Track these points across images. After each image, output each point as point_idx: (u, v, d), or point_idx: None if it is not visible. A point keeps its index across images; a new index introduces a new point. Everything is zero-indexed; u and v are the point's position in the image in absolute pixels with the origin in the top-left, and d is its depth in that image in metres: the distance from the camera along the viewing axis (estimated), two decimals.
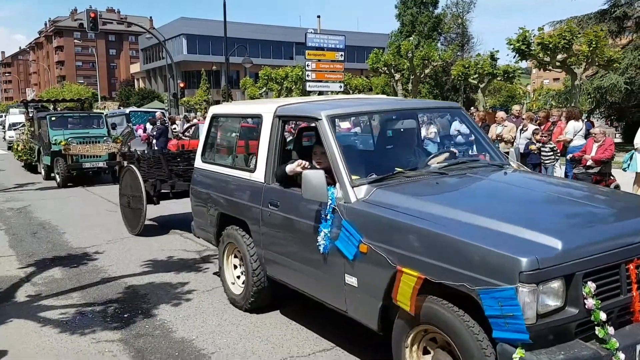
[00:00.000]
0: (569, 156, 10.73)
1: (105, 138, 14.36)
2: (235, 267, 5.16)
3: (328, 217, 3.64)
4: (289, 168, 4.14)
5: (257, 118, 4.79)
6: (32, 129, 16.36)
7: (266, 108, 4.70)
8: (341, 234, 3.54)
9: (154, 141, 19.15)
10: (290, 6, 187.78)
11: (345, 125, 18.26)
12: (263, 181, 4.49)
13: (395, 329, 3.35)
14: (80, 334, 4.57)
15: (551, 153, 10.58)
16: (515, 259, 2.61)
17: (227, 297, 5.20)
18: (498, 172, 4.19)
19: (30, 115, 17.31)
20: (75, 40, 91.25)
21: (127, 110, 24.29)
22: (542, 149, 10.65)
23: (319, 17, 25.46)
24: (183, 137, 17.78)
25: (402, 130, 5.09)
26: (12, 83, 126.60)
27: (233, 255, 5.16)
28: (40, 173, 15.49)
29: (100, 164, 13.96)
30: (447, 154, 4.44)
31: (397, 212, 3.32)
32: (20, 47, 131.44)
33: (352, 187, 3.62)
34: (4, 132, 31.35)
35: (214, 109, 5.74)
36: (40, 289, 5.75)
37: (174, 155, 8.22)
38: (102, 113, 17.39)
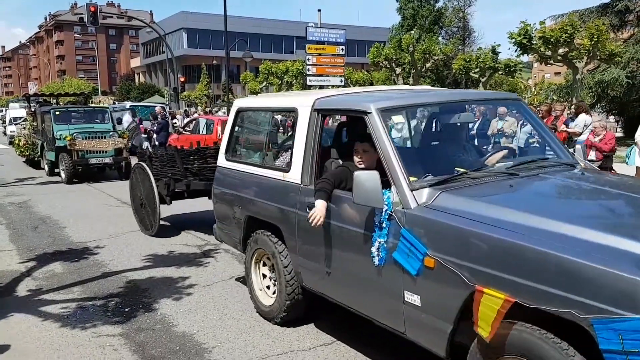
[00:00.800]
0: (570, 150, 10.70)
1: (111, 133, 14.04)
2: (265, 275, 4.71)
3: (384, 225, 3.21)
4: (316, 202, 3.68)
5: (292, 112, 4.41)
6: (34, 123, 16.06)
7: (302, 101, 4.24)
8: (400, 244, 3.10)
9: (155, 136, 19.16)
10: (290, 0, 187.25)
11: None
12: (300, 182, 4.03)
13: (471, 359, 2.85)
14: (81, 328, 4.57)
15: None
16: None
17: (255, 308, 4.78)
18: (573, 172, 3.67)
19: (33, 109, 16.96)
20: (76, 35, 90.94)
21: (128, 105, 24.17)
22: None
23: (319, 10, 25.36)
24: (184, 132, 17.77)
25: (457, 125, 4.56)
26: (12, 77, 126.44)
27: (262, 263, 4.72)
28: (43, 169, 15.21)
29: (107, 160, 13.66)
30: (505, 151, 4.03)
31: (472, 221, 2.83)
32: (20, 42, 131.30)
33: (412, 191, 3.15)
34: (4, 126, 31.31)
35: (239, 103, 5.21)
36: (41, 284, 5.75)
37: (189, 152, 7.66)
38: (107, 108, 16.98)
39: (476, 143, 12.36)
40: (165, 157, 7.68)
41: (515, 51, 18.84)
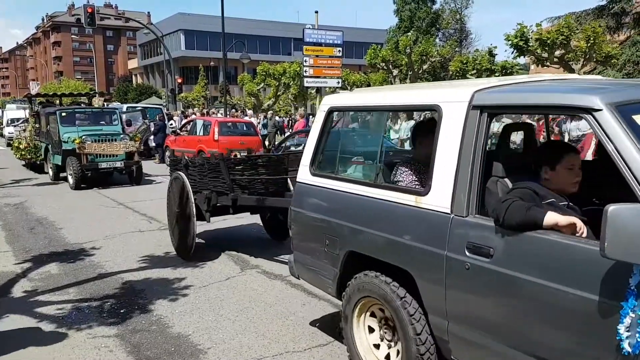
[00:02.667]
0: None
1: (122, 136, 13.37)
2: (372, 330, 3.60)
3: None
4: (552, 219, 2.48)
5: (431, 111, 3.28)
6: (37, 125, 15.32)
7: (449, 94, 3.11)
8: None
9: (152, 137, 19.17)
10: (288, 2, 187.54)
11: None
12: (449, 211, 2.88)
13: None
14: (77, 329, 4.57)
15: None
16: None
17: None
18: None
19: (36, 110, 16.24)
20: (73, 36, 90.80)
21: (124, 107, 24.06)
22: None
23: (316, 12, 25.37)
24: (181, 133, 17.77)
25: None
26: (9, 79, 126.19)
27: (369, 313, 3.59)
28: (47, 173, 14.51)
29: (118, 164, 12.89)
30: None
31: None
32: (17, 43, 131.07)
33: None
34: (2, 128, 31.14)
35: (332, 100, 4.03)
36: (36, 285, 5.75)
37: (237, 161, 6.59)
38: (116, 109, 16.27)
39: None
40: (207, 166, 6.54)
41: (512, 53, 18.90)
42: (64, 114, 13.55)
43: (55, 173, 13.76)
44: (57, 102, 17.80)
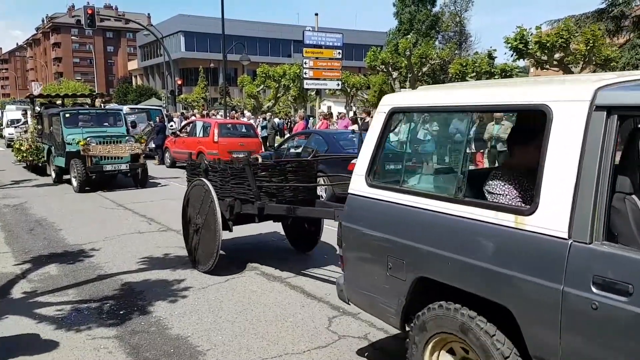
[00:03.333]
0: None
1: (127, 138, 13.04)
2: None
3: None
4: None
5: (532, 112, 2.76)
6: (39, 126, 15.05)
7: (563, 92, 2.59)
8: None
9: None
10: (288, 4, 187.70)
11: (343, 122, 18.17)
12: (566, 235, 2.38)
13: None
14: (76, 330, 4.57)
15: None
16: None
17: None
18: None
19: (38, 111, 15.91)
20: (73, 37, 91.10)
21: (124, 108, 24.04)
22: None
23: (316, 14, 25.39)
24: (180, 135, 17.79)
25: None
26: (9, 80, 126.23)
27: (445, 349, 3.08)
28: (49, 175, 14.25)
29: (123, 167, 12.59)
30: None
31: None
32: (17, 44, 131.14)
33: None
34: (1, 129, 31.06)
35: (394, 100, 3.52)
36: (36, 286, 5.75)
37: (264, 166, 6.01)
38: (120, 110, 15.84)
39: (473, 148, 12.42)
40: (229, 172, 6.03)
41: (512, 56, 18.91)
42: (67, 115, 13.29)
43: (58, 175, 13.56)
44: (59, 103, 17.56)
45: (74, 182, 12.36)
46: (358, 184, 3.55)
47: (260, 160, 6.23)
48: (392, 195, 3.29)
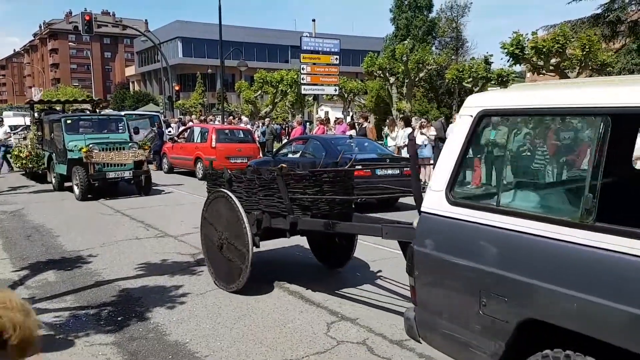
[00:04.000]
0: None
1: (130, 144, 12.75)
2: None
3: None
4: None
5: None
6: (39, 133, 14.78)
7: None
8: None
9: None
10: (285, 10, 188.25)
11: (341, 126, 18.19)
12: None
13: None
14: (74, 337, 4.56)
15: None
16: None
17: None
18: None
19: (38, 117, 15.54)
20: (70, 43, 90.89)
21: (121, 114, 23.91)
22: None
23: (314, 20, 25.52)
24: (178, 140, 17.79)
25: None
26: (6, 86, 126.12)
27: None
28: (50, 182, 13.96)
29: (126, 174, 12.27)
30: None
31: None
32: (14, 50, 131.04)
33: None
34: None
35: (484, 101, 3.02)
36: (34, 292, 5.73)
37: (297, 176, 5.44)
38: (123, 116, 15.60)
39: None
40: (258, 182, 5.49)
41: (508, 61, 19.00)
42: (69, 122, 13.02)
43: (59, 183, 13.31)
44: (60, 109, 17.26)
45: (76, 190, 12.10)
46: (435, 201, 2.99)
47: (285, 168, 5.55)
48: (486, 216, 2.72)
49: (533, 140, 3.46)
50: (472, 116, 2.92)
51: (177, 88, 34.67)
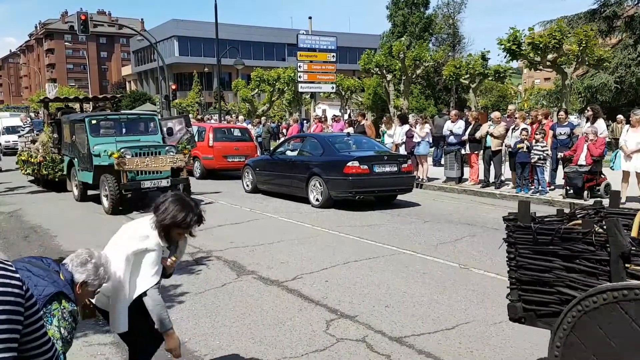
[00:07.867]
0: (559, 155, 10.83)
1: (167, 148, 10.89)
2: None
3: None
4: None
5: None
6: (54, 135, 13.06)
7: None
8: None
9: None
10: (281, 7, 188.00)
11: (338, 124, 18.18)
12: None
13: None
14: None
15: (542, 152, 10.65)
16: None
17: None
18: None
19: (54, 117, 14.00)
20: (66, 43, 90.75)
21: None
22: (534, 149, 10.73)
23: (310, 18, 25.49)
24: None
25: None
26: (2, 86, 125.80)
27: None
28: (70, 191, 12.25)
29: (163, 183, 10.37)
30: None
31: None
32: (10, 50, 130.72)
33: None
34: None
35: None
36: None
37: None
38: (155, 115, 13.89)
39: (467, 149, 12.40)
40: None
41: (505, 57, 18.99)
42: (94, 122, 11.22)
43: (81, 192, 11.62)
44: (77, 107, 15.95)
45: (105, 202, 10.35)
46: None
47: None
48: None
49: None
50: None
51: (173, 87, 34.59)
